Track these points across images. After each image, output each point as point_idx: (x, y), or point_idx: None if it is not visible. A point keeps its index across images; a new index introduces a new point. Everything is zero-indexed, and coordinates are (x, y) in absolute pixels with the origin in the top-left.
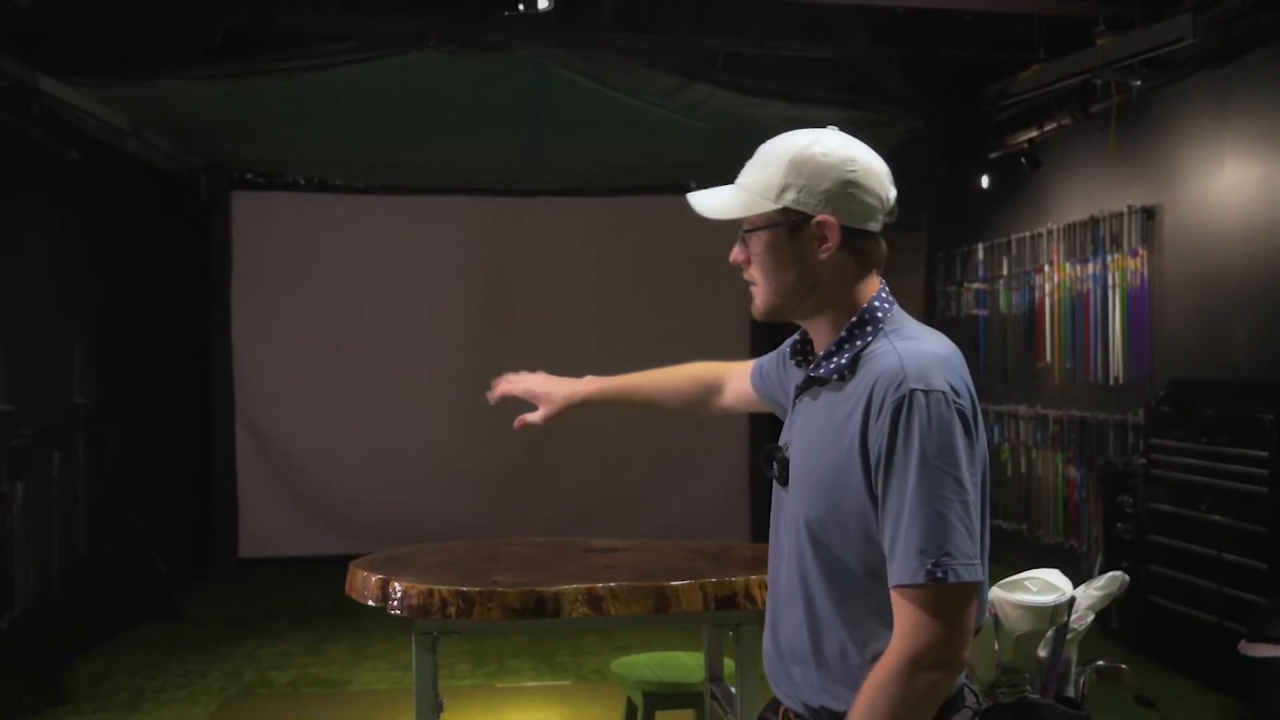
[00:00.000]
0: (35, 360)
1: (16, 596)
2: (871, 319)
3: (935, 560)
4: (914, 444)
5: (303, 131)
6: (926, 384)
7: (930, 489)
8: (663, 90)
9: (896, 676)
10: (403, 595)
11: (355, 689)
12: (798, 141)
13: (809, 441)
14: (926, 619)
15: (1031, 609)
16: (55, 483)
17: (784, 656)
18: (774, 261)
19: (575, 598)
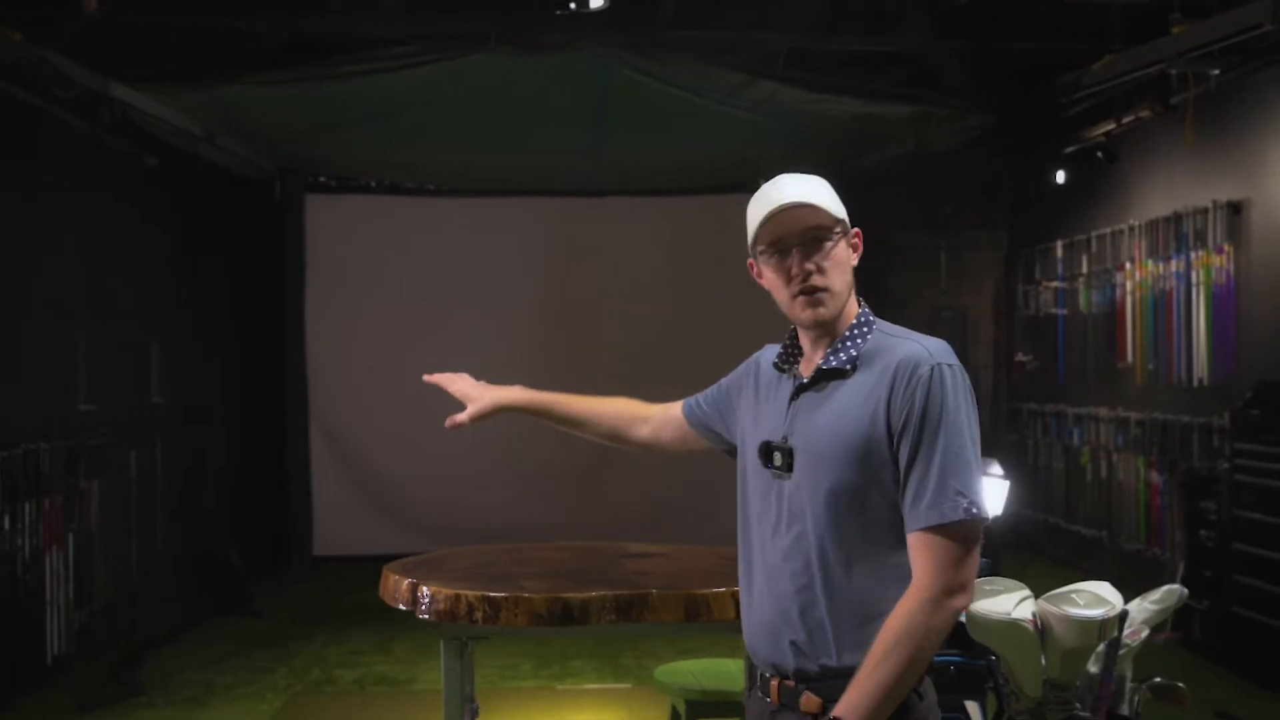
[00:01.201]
0: (115, 362)
1: (95, 591)
2: (868, 322)
3: (970, 500)
4: (949, 405)
5: (370, 135)
6: (948, 361)
7: (963, 442)
8: (726, 88)
9: (926, 606)
10: (431, 600)
11: (419, 688)
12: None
13: (824, 424)
14: (957, 551)
15: (1079, 623)
16: (133, 481)
17: (795, 629)
18: (841, 264)
19: (603, 605)
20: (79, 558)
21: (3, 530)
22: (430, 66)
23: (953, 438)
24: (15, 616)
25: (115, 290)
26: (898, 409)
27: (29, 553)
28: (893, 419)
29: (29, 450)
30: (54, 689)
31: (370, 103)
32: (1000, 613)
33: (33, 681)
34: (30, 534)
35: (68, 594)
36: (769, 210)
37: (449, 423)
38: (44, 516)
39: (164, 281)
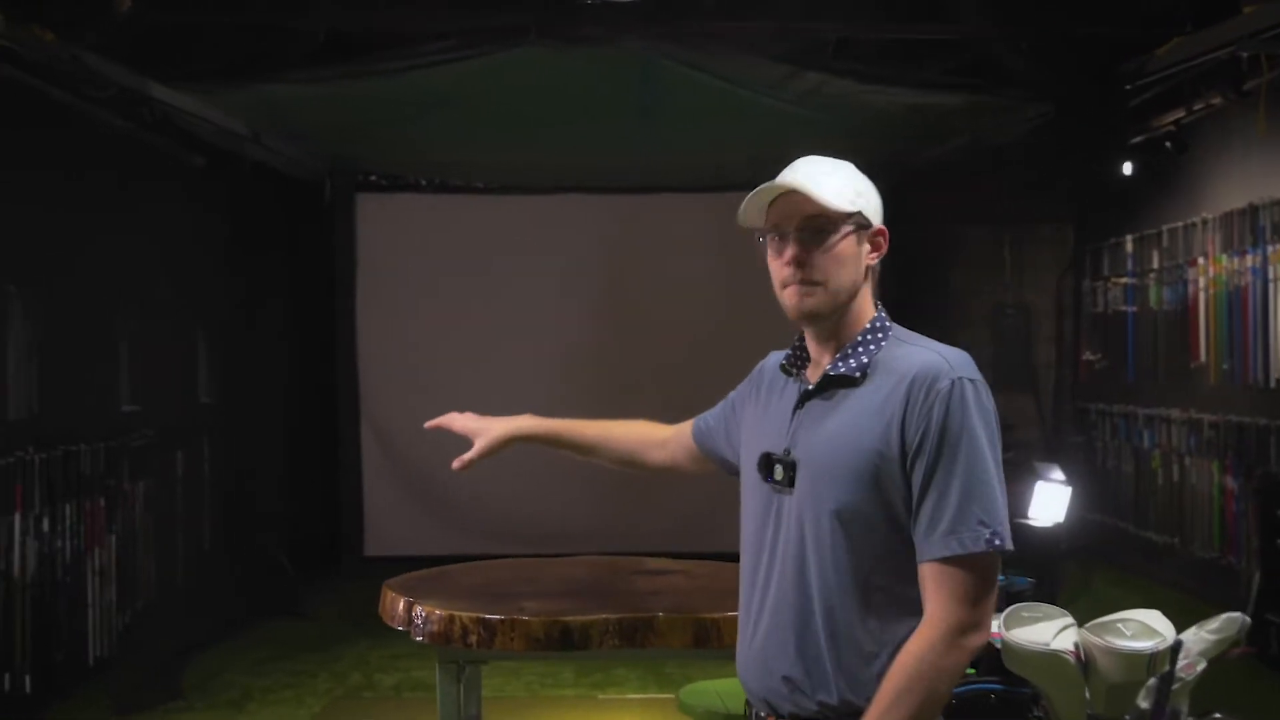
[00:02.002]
0: (161, 363)
1: (139, 592)
2: (883, 327)
3: (993, 530)
4: (966, 425)
5: (414, 132)
6: (970, 375)
7: (983, 466)
8: (770, 80)
9: (939, 645)
10: (425, 620)
11: None
12: (846, 164)
13: (828, 437)
14: (973, 587)
15: (1125, 655)
16: (179, 481)
17: (789, 663)
18: (839, 259)
19: (606, 629)
20: (122, 559)
21: (42, 532)
22: (470, 62)
23: (974, 460)
24: (56, 618)
25: (160, 291)
26: (913, 425)
27: (69, 554)
28: (907, 436)
29: (69, 452)
30: (94, 691)
31: (412, 100)
32: (1038, 643)
33: (73, 683)
34: (71, 535)
35: (110, 595)
36: (769, 194)
37: (457, 464)
38: (85, 518)
39: (212, 282)
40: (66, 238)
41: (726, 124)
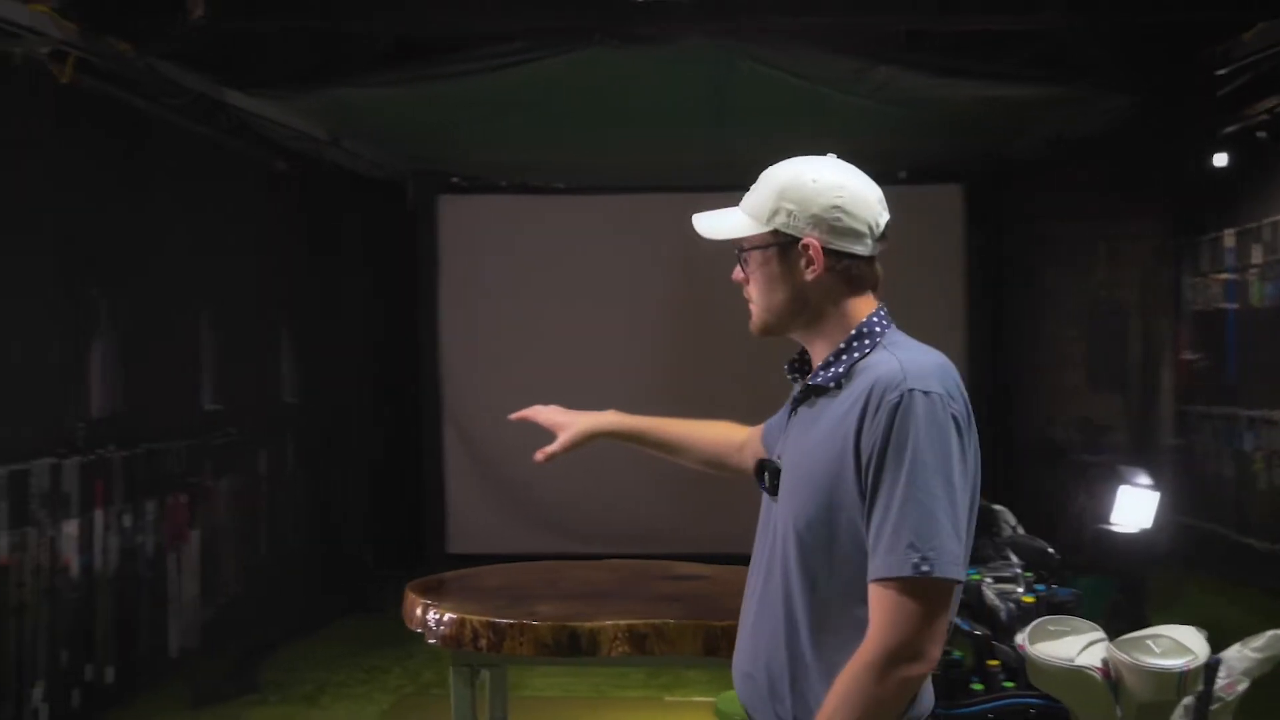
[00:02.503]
0: (245, 363)
1: (221, 588)
2: (870, 333)
3: (923, 555)
4: (909, 441)
5: (493, 134)
6: (924, 386)
7: (923, 485)
8: (840, 74)
9: (870, 670)
10: (437, 623)
11: (525, 694)
12: (793, 168)
13: (803, 449)
14: (907, 612)
15: (1152, 674)
16: (263, 479)
17: (759, 671)
18: (766, 281)
19: (615, 635)
20: (205, 555)
21: (124, 527)
22: (539, 64)
23: (914, 478)
24: (139, 612)
25: (244, 293)
26: (866, 440)
27: (151, 550)
28: (861, 451)
29: (151, 450)
30: (175, 684)
31: (485, 101)
32: (1061, 658)
33: (155, 676)
34: (153, 531)
35: (193, 590)
36: None
37: (539, 455)
38: (167, 515)
39: (296, 283)
40: (150, 242)
41: (800, 120)
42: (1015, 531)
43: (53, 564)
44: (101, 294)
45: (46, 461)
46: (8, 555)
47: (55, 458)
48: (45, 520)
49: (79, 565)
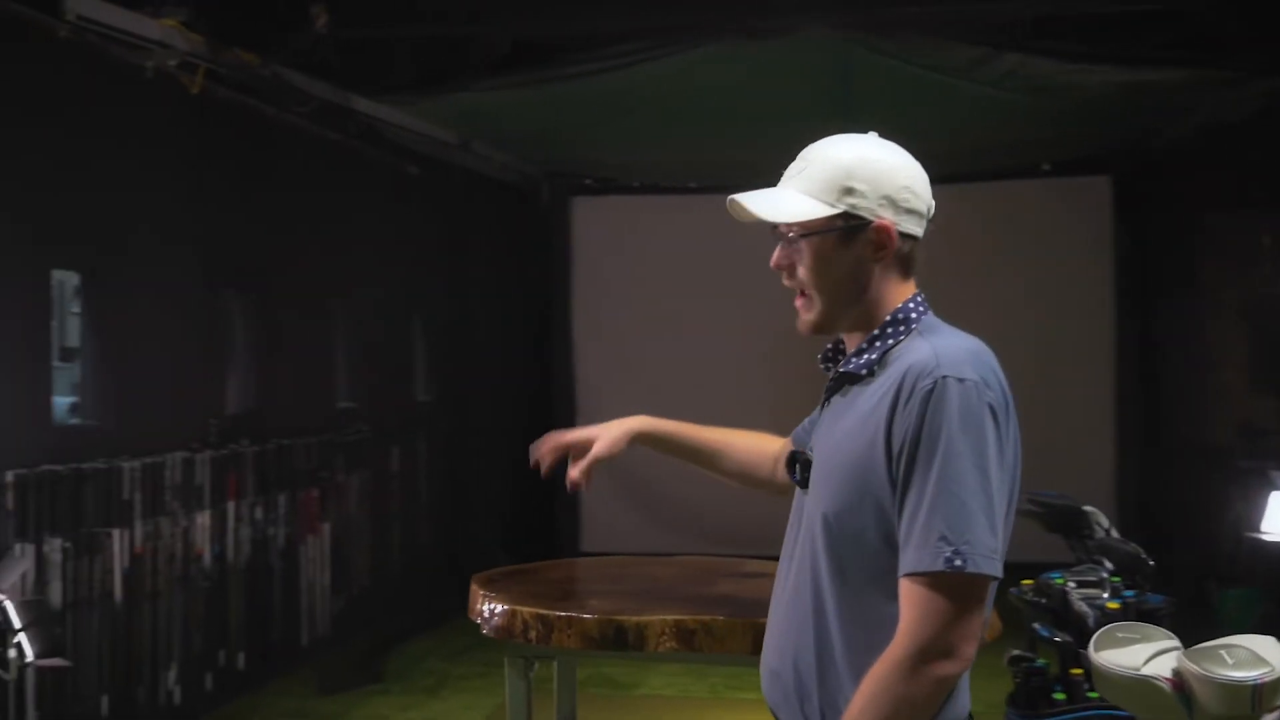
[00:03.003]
0: (378, 362)
1: (353, 579)
2: (905, 319)
3: (955, 549)
4: (943, 430)
5: (620, 134)
6: (958, 373)
7: (956, 476)
8: (965, 63)
9: (900, 667)
10: (490, 614)
11: (640, 693)
12: (854, 146)
13: (834, 439)
14: (940, 608)
15: (1224, 686)
16: (395, 475)
17: (786, 668)
18: (826, 267)
19: (662, 630)
20: (336, 547)
21: (255, 519)
22: (662, 62)
23: (947, 468)
24: (271, 601)
25: (378, 295)
26: (898, 428)
27: (283, 542)
28: (893, 440)
29: (282, 445)
30: (306, 671)
31: (609, 102)
32: (1128, 667)
33: (286, 664)
34: (284, 524)
35: (323, 581)
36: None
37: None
38: (298, 508)
39: (429, 285)
40: (284, 245)
41: (928, 112)
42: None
43: (186, 553)
44: (237, 296)
45: (180, 455)
46: (142, 544)
47: (189, 452)
48: (179, 511)
49: (211, 555)
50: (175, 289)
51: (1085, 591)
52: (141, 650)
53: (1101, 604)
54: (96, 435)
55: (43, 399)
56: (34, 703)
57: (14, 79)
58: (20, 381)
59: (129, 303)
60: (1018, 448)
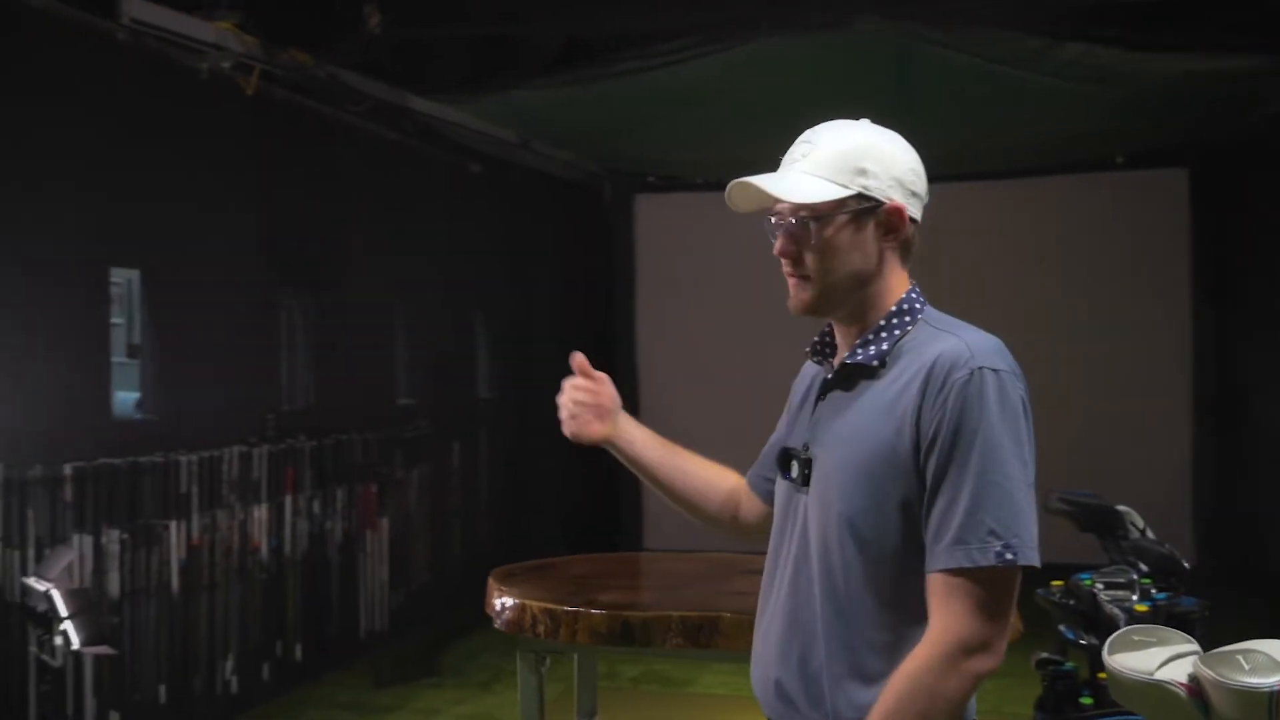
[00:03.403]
0: (440, 360)
1: (412, 573)
2: (910, 309)
3: (1006, 542)
4: (983, 421)
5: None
6: (993, 364)
7: (1000, 468)
8: (1025, 53)
9: (940, 663)
10: (502, 609)
11: (693, 691)
12: (858, 129)
13: (842, 435)
14: (986, 603)
15: (1238, 692)
16: (455, 471)
17: (790, 676)
18: (834, 250)
19: (669, 626)
20: (395, 542)
21: (313, 513)
22: (716, 58)
23: (990, 460)
24: (329, 594)
25: (437, 292)
26: (928, 419)
27: (340, 536)
28: (922, 431)
29: (340, 441)
30: (363, 664)
31: (663, 99)
32: (1140, 671)
33: (344, 656)
34: (342, 518)
35: (382, 575)
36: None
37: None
38: (356, 503)
39: (492, 283)
40: (344, 243)
41: (989, 104)
42: (1143, 535)
43: (243, 545)
44: (295, 294)
45: (237, 449)
46: (199, 536)
47: (246, 446)
48: (236, 504)
49: (269, 548)
50: (234, 287)
51: (1114, 594)
52: (198, 640)
53: (1129, 606)
54: (155, 429)
55: (102, 394)
56: (92, 690)
57: (75, 81)
58: (80, 376)
59: (188, 300)
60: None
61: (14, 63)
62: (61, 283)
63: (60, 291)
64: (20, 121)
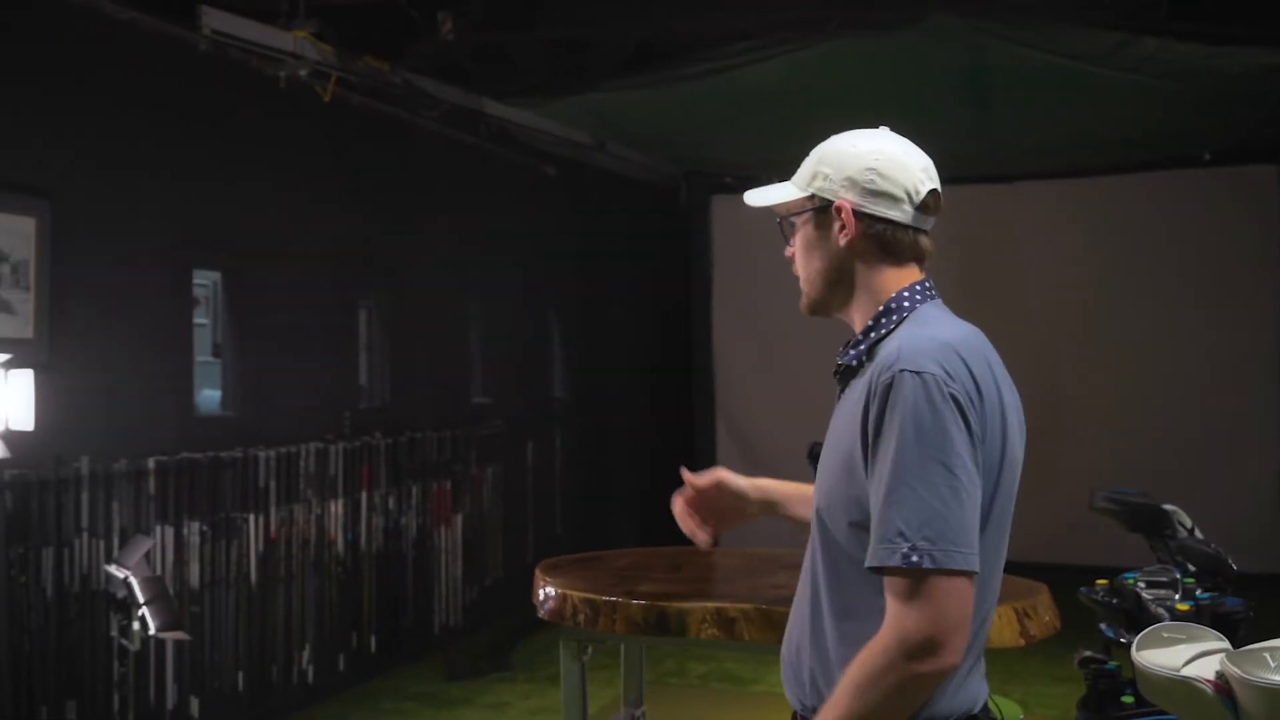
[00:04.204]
0: (514, 360)
1: (486, 569)
2: (897, 309)
3: (912, 544)
4: (897, 425)
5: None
6: (916, 366)
7: (913, 471)
8: (1102, 49)
9: (881, 657)
10: (545, 599)
11: (759, 689)
12: (836, 137)
13: (832, 434)
14: (905, 604)
15: (1265, 690)
16: (530, 470)
17: (791, 654)
18: (805, 249)
19: (703, 617)
20: (468, 538)
21: (388, 509)
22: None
23: (903, 464)
24: (403, 588)
25: (513, 294)
26: (870, 423)
27: (415, 531)
28: (866, 434)
29: (414, 438)
30: (435, 658)
31: (734, 100)
32: (1167, 668)
33: (418, 650)
34: (417, 514)
35: (456, 571)
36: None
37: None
38: (430, 499)
39: (567, 284)
40: (421, 245)
41: (1065, 101)
42: (1191, 534)
43: (319, 539)
44: (372, 295)
45: (314, 445)
46: (276, 530)
47: (323, 443)
48: (312, 499)
49: (344, 541)
50: (313, 288)
51: (1157, 592)
52: (276, 631)
53: (1170, 605)
54: (236, 426)
55: (186, 391)
56: (173, 677)
57: (160, 90)
58: (165, 375)
59: (268, 301)
60: (1004, 436)
61: (104, 74)
62: (148, 284)
63: (147, 293)
64: (110, 130)
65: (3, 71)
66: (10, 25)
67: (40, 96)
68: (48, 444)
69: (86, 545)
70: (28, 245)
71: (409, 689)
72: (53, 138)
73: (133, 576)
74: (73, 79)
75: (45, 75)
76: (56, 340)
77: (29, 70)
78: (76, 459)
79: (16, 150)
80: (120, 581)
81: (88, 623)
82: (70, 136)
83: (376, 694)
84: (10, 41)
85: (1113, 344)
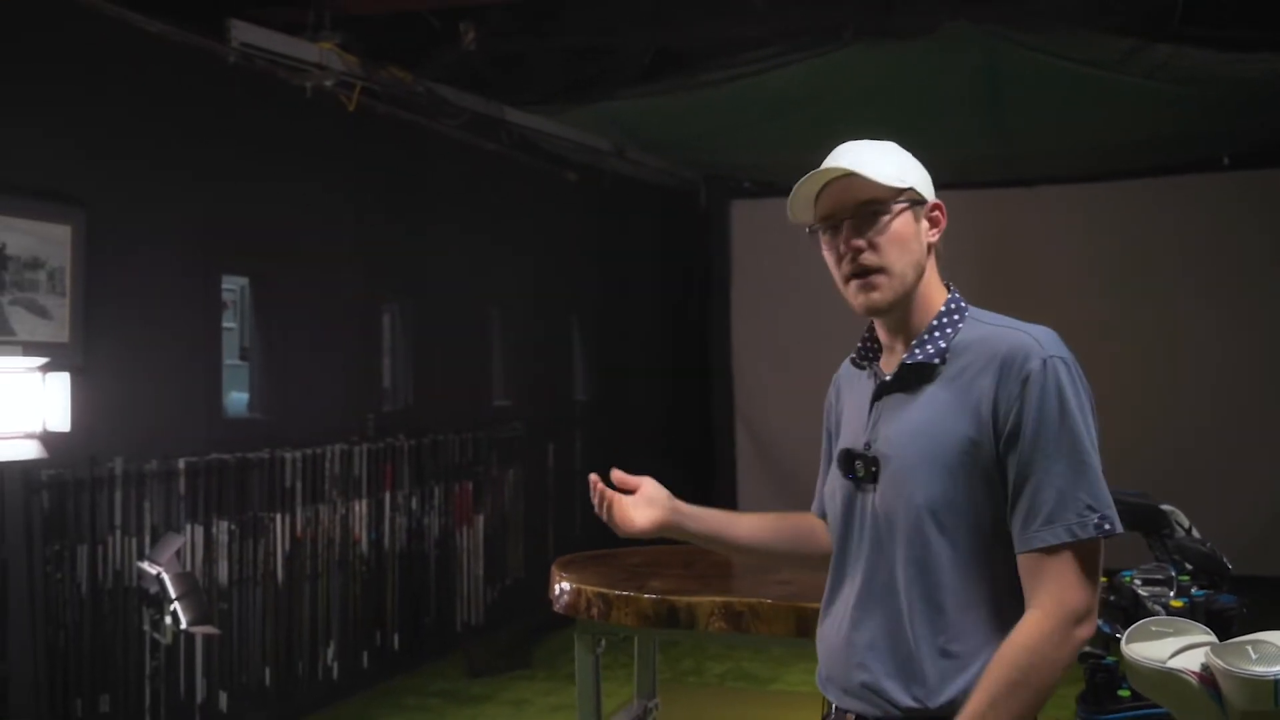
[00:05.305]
0: (535, 363)
1: (507, 568)
2: (959, 308)
3: (1102, 514)
4: (1068, 405)
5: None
6: (1061, 353)
7: (1084, 449)
8: (1114, 55)
9: (1053, 636)
10: (560, 593)
11: (776, 688)
12: (885, 142)
13: (915, 428)
14: (1085, 574)
15: (1244, 681)
16: (550, 471)
17: (879, 661)
18: (900, 241)
19: (711, 611)
20: (490, 538)
21: (411, 509)
22: (803, 65)
23: (1075, 442)
24: (426, 587)
25: (534, 298)
26: (1005, 409)
27: (438, 531)
28: (999, 420)
29: (436, 440)
30: (457, 656)
31: (751, 107)
32: (1154, 660)
33: (441, 648)
34: (439, 514)
35: (478, 570)
36: (818, 182)
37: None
38: (453, 500)
39: (587, 288)
40: (443, 251)
41: (1080, 106)
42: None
43: (344, 538)
44: (395, 300)
45: (339, 447)
46: (302, 529)
47: (347, 444)
48: (337, 499)
49: (368, 541)
50: (337, 293)
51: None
52: (301, 628)
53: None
54: (263, 428)
55: (214, 394)
56: (202, 672)
57: (189, 101)
58: (194, 378)
59: (295, 306)
60: None
61: (136, 86)
62: (178, 290)
63: (177, 298)
64: (142, 139)
65: (39, 83)
66: (46, 40)
67: (75, 108)
68: (83, 445)
69: (120, 543)
70: (63, 252)
71: (431, 686)
72: (87, 148)
73: (165, 572)
74: (106, 91)
75: (80, 87)
76: (91, 344)
77: (64, 82)
78: (110, 459)
79: (52, 160)
80: (152, 577)
81: (121, 618)
82: (104, 146)
83: (399, 691)
84: (45, 56)
85: (1128, 346)
